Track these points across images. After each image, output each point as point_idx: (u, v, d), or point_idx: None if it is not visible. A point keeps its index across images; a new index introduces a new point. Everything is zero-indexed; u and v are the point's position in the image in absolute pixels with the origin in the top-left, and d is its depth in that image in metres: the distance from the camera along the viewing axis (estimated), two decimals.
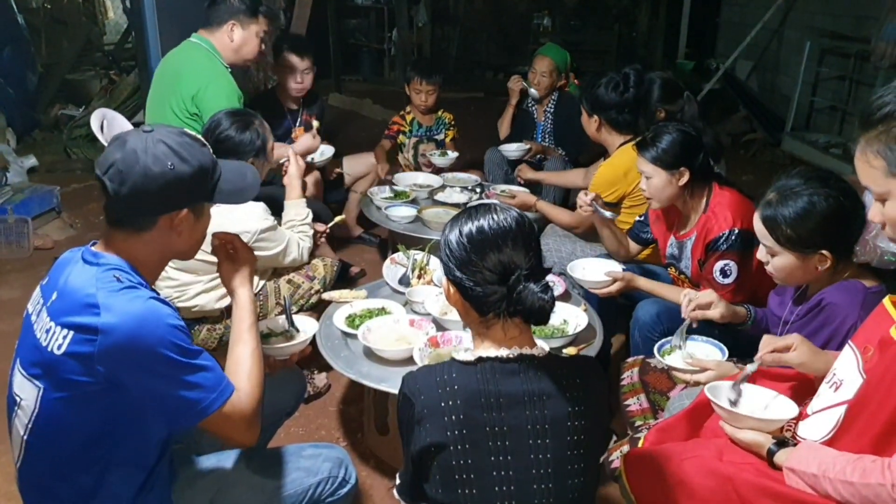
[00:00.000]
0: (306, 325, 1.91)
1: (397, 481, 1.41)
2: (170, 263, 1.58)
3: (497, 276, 1.22)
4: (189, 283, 2.27)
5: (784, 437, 1.43)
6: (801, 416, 1.46)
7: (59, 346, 1.28)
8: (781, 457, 1.36)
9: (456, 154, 3.85)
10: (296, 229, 2.52)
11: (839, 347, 1.48)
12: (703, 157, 2.22)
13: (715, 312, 1.91)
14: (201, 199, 1.43)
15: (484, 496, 1.22)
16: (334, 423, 2.57)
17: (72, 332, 1.27)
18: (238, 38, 2.93)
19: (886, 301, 1.32)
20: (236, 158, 2.12)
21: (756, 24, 7.06)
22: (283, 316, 1.92)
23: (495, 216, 1.24)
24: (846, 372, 1.35)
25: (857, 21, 5.94)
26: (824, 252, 1.65)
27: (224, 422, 1.35)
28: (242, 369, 1.43)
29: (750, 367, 1.57)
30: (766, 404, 1.52)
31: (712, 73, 7.65)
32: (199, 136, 1.49)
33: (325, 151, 3.50)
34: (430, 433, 1.21)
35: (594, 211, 2.52)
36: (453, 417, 1.20)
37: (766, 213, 1.72)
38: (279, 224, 2.45)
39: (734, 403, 1.51)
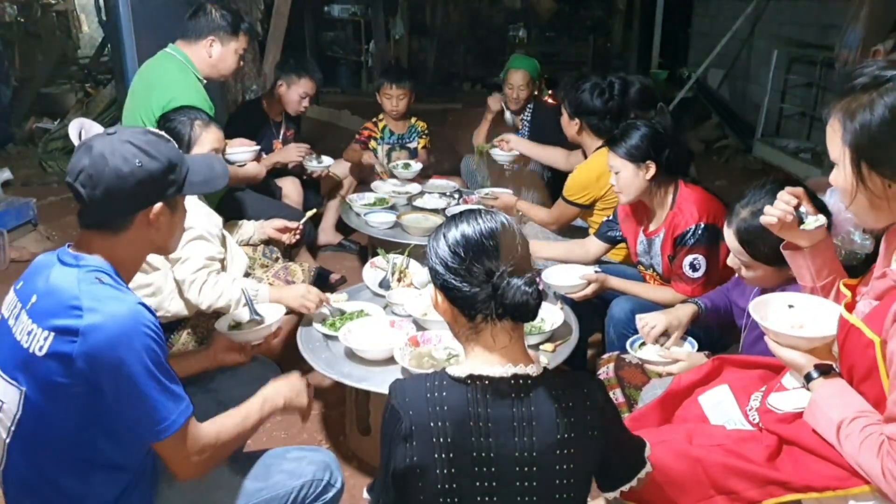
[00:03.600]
0: (271, 311, 1.95)
1: (366, 496, 1.35)
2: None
3: (483, 276, 1.20)
4: (161, 287, 2.24)
5: (828, 365, 1.37)
6: (777, 389, 1.51)
7: (41, 348, 1.29)
8: (816, 385, 1.34)
9: (419, 166, 3.85)
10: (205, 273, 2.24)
11: None
12: (669, 153, 2.30)
13: (676, 336, 2.00)
14: (174, 192, 1.46)
15: None
16: (316, 427, 2.59)
17: (53, 334, 1.28)
18: (216, 53, 2.92)
19: (840, 284, 1.40)
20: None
21: (726, 34, 7.23)
22: (245, 310, 1.95)
23: (480, 219, 1.25)
24: None
25: (822, 30, 6.11)
26: None
27: (175, 447, 1.35)
28: (225, 427, 1.46)
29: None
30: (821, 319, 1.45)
31: (685, 82, 7.81)
32: (163, 133, 1.52)
33: (325, 160, 3.66)
34: (417, 452, 1.18)
35: None
36: (441, 440, 1.18)
37: (741, 230, 1.77)
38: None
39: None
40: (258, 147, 3.36)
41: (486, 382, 1.20)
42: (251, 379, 1.88)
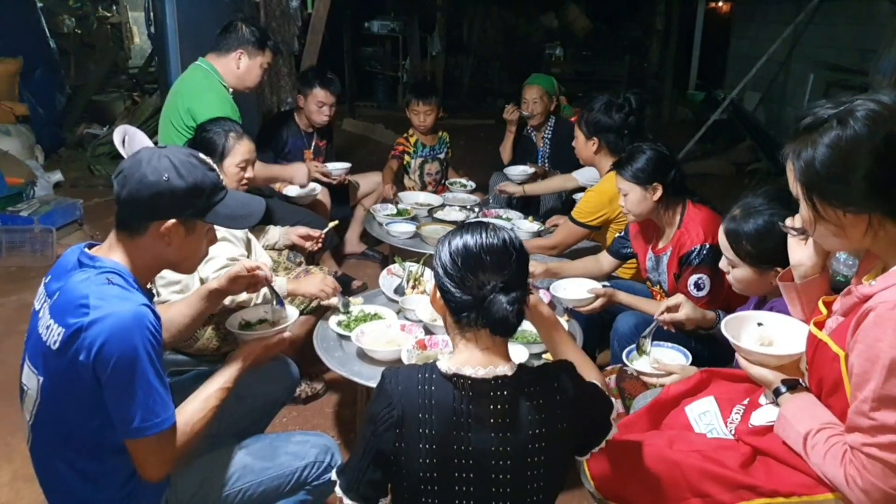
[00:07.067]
0: (288, 314, 1.98)
1: (334, 477, 1.40)
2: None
3: (475, 287, 1.28)
4: (188, 284, 2.38)
5: (796, 379, 1.45)
6: (754, 406, 1.57)
7: (55, 343, 1.41)
8: (784, 400, 1.43)
9: (473, 184, 4.06)
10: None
11: None
12: (675, 174, 2.36)
13: (681, 314, 2.06)
14: (192, 215, 1.55)
15: None
16: (329, 424, 2.71)
17: (64, 330, 1.39)
18: (244, 66, 3.10)
19: (819, 302, 1.45)
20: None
21: (763, 57, 7.20)
22: (259, 307, 2.00)
23: (484, 233, 1.32)
24: None
25: (860, 54, 6.06)
26: (779, 269, 1.76)
27: (147, 449, 1.43)
28: (193, 415, 1.52)
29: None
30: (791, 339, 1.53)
31: (721, 104, 7.80)
32: (209, 161, 1.62)
33: (343, 165, 3.79)
34: (405, 439, 1.27)
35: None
36: (427, 430, 1.27)
37: (729, 227, 1.86)
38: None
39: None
40: (349, 165, 3.79)
41: (469, 382, 1.29)
42: (271, 376, 2.02)
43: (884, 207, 1.22)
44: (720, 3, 10.16)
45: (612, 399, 1.45)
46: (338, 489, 1.38)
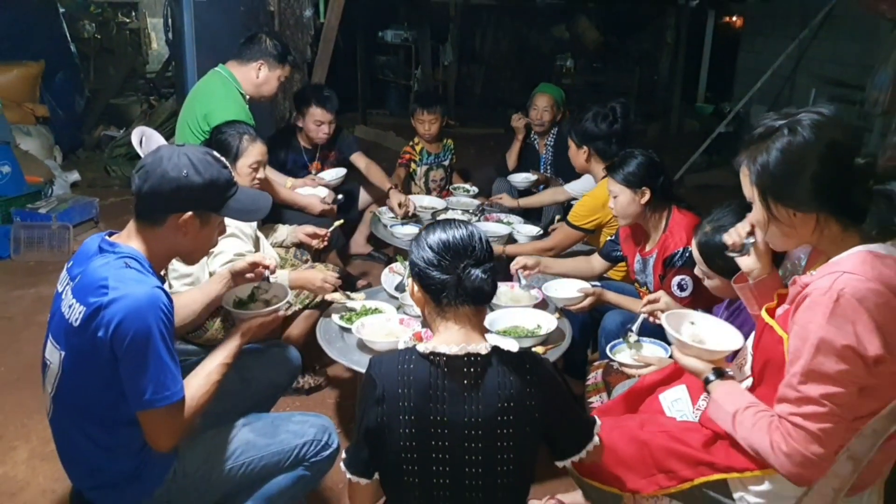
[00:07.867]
0: (278, 293, 2.09)
1: (343, 455, 1.54)
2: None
3: (451, 267, 1.43)
4: (199, 277, 2.48)
5: (723, 369, 1.59)
6: None
7: (76, 320, 1.54)
8: (714, 387, 1.56)
9: (476, 189, 4.16)
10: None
11: None
12: (663, 180, 2.49)
13: (661, 304, 2.19)
14: (207, 208, 1.70)
15: (424, 478, 1.42)
16: (331, 413, 2.83)
17: (85, 308, 1.52)
18: (262, 76, 3.24)
19: (776, 294, 1.57)
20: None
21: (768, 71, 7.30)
22: (247, 285, 2.09)
23: (453, 226, 1.48)
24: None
25: (862, 70, 6.15)
26: None
27: (157, 420, 1.55)
28: (197, 389, 1.65)
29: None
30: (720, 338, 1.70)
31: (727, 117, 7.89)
32: (223, 159, 1.76)
33: (338, 172, 3.83)
34: (387, 413, 1.40)
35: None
36: (407, 404, 1.39)
37: (701, 241, 1.99)
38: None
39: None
40: (344, 170, 3.81)
41: (445, 359, 1.42)
42: (274, 362, 2.16)
43: (829, 206, 1.35)
44: (733, 18, 10.26)
45: (596, 418, 1.55)
46: (342, 464, 1.52)
